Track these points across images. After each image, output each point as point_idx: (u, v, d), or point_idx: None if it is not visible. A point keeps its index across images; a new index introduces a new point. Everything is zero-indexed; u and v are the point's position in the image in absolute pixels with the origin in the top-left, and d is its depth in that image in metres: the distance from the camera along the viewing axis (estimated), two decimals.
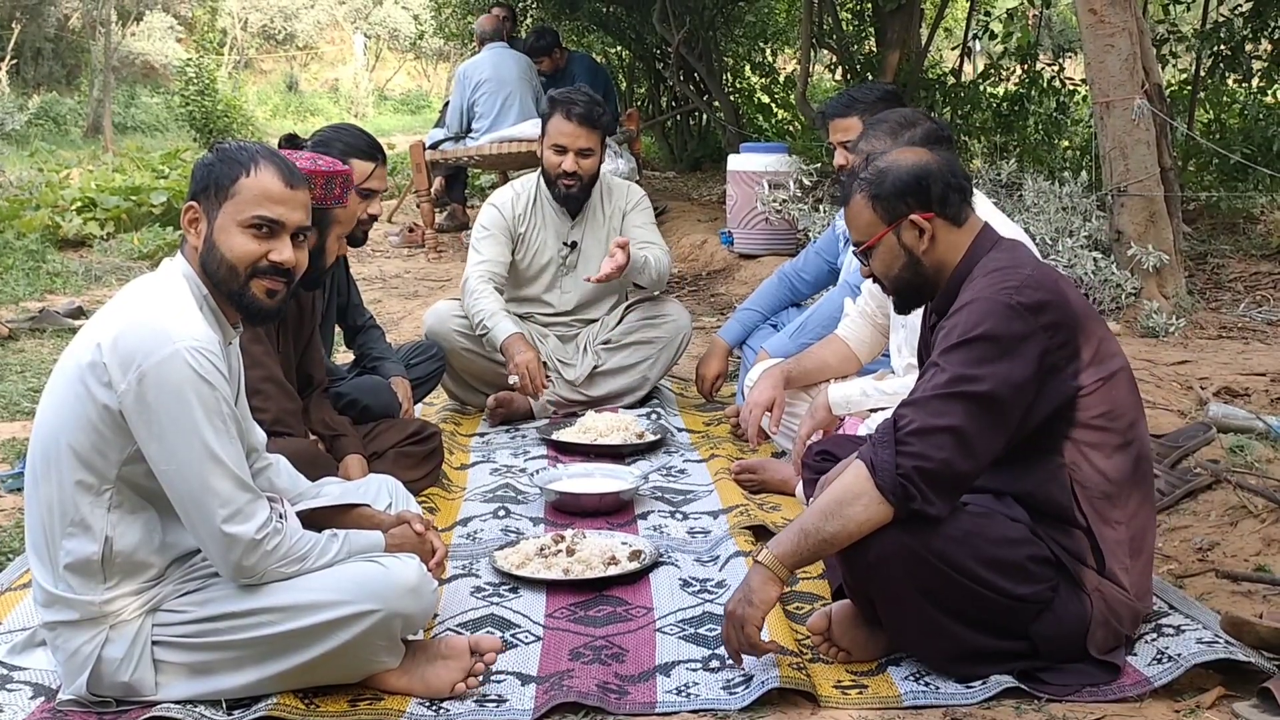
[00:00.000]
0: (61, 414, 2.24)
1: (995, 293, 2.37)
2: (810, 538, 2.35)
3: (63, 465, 2.23)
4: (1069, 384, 2.38)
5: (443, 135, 8.77)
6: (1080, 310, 2.45)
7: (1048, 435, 2.40)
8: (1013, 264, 2.45)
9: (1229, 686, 2.36)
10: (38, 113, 17.76)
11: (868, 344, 3.72)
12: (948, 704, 2.35)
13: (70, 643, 2.28)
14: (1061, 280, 2.49)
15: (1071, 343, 2.39)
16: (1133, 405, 2.48)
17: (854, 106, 3.83)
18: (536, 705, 2.35)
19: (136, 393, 2.16)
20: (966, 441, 2.28)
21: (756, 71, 12.37)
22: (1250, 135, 7.76)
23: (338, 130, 3.60)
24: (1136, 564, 2.46)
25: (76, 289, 7.20)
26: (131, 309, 2.25)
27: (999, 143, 8.54)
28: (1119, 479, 2.43)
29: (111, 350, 2.18)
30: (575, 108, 4.47)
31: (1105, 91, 5.45)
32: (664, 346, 4.63)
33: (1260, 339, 5.25)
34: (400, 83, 27.93)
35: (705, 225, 8.47)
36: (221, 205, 2.31)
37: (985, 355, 2.31)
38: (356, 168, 3.48)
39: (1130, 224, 5.48)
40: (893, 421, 2.31)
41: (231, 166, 2.32)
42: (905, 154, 2.57)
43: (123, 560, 2.26)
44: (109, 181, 10.45)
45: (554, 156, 4.52)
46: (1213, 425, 3.70)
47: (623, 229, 4.68)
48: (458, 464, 4.04)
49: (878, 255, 2.55)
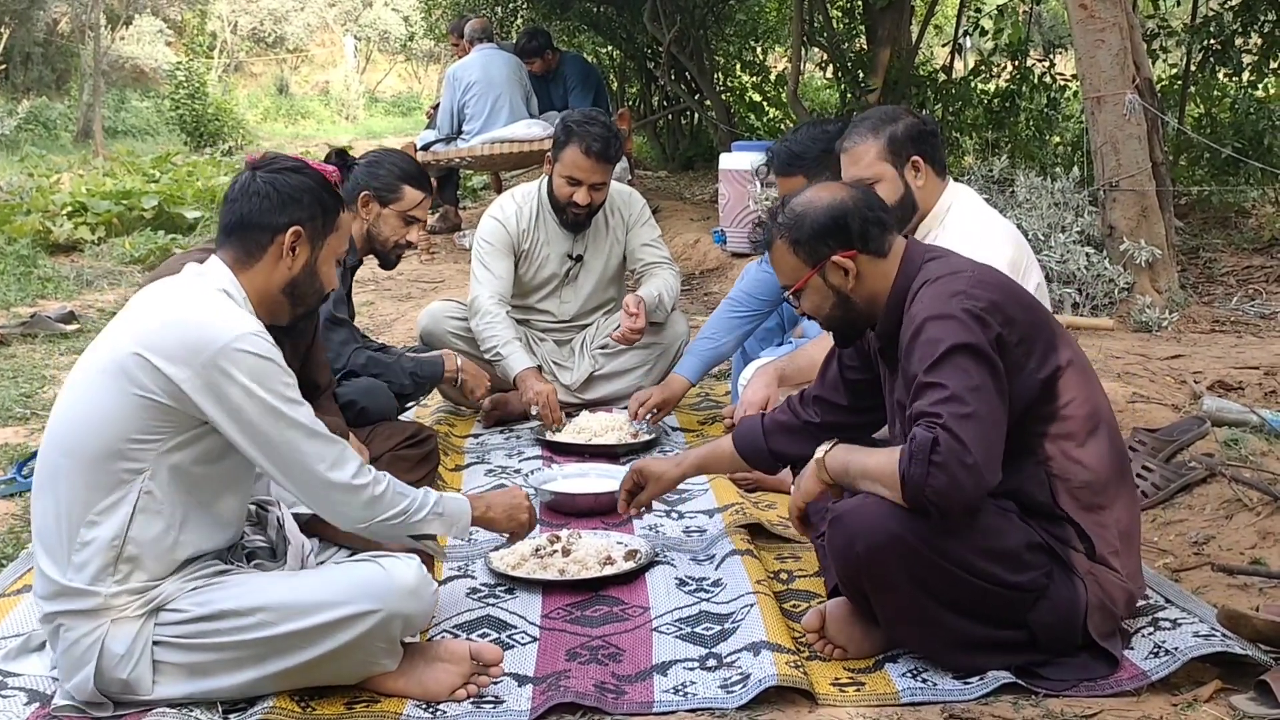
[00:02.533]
0: (93, 409, 2.27)
1: (945, 304, 2.36)
2: (849, 474, 2.44)
3: (93, 456, 2.24)
4: (1034, 378, 2.40)
5: (434, 137, 8.76)
6: (1028, 302, 2.49)
7: (1022, 434, 2.40)
8: (951, 271, 2.45)
9: (1226, 680, 2.36)
10: (27, 118, 17.72)
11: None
12: (945, 700, 2.35)
13: (72, 633, 2.28)
14: (1002, 275, 2.52)
15: (1029, 337, 2.41)
16: (1094, 387, 2.50)
17: (795, 165, 3.61)
18: (534, 706, 2.34)
19: (205, 381, 2.22)
20: (988, 466, 2.26)
21: (747, 70, 12.36)
22: (1241, 129, 7.76)
23: (390, 154, 3.78)
24: (1125, 546, 2.46)
25: (68, 294, 7.18)
26: (174, 307, 2.31)
27: (990, 139, 8.55)
28: (1096, 464, 2.44)
29: (161, 347, 2.23)
30: (594, 144, 4.34)
31: (1096, 87, 5.46)
32: (661, 353, 4.62)
33: (1253, 332, 5.26)
34: (391, 85, 27.88)
35: (698, 225, 8.47)
36: (327, 237, 2.46)
37: (969, 366, 2.30)
38: (408, 194, 3.68)
39: (1122, 219, 5.48)
40: (930, 442, 2.24)
41: (335, 199, 2.48)
42: (821, 193, 2.56)
43: (135, 552, 2.26)
44: (100, 186, 10.43)
45: (566, 187, 4.44)
46: (1207, 419, 3.71)
47: (628, 245, 4.67)
48: (452, 465, 4.03)
49: (807, 297, 2.57)
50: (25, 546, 3.18)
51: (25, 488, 3.66)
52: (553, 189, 4.51)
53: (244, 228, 2.40)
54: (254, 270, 2.40)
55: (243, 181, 2.43)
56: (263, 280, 2.40)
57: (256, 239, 2.39)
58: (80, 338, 5.94)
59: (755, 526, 3.27)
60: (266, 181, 2.40)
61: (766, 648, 2.47)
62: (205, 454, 2.31)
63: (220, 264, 2.39)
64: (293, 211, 2.40)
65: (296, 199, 2.40)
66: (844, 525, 2.39)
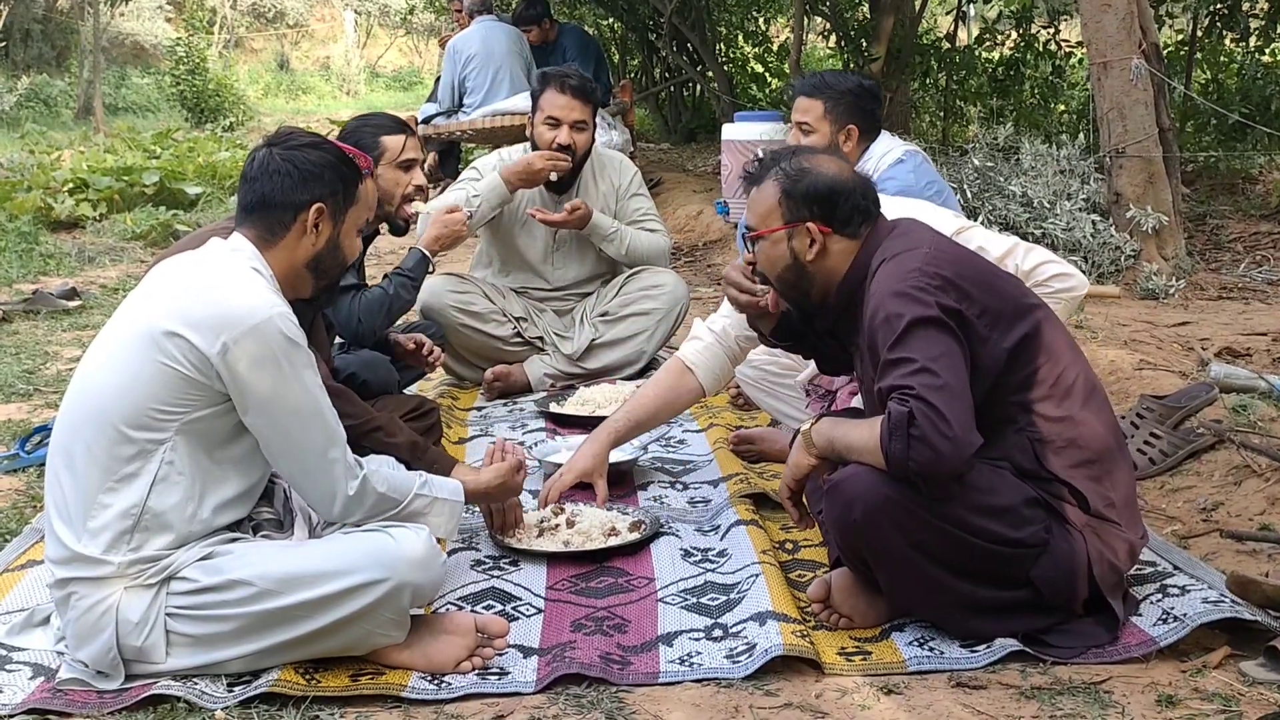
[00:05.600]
0: (119, 377, 2.28)
1: (902, 281, 2.36)
2: (835, 448, 2.44)
3: (115, 424, 2.25)
4: (999, 348, 2.39)
5: (435, 110, 8.72)
6: (986, 271, 2.48)
7: (998, 403, 2.39)
8: (909, 247, 2.45)
9: (1235, 646, 2.35)
10: (28, 95, 17.65)
11: (716, 374, 3.30)
12: (952, 668, 2.34)
13: (84, 600, 2.27)
14: (959, 246, 2.52)
15: (990, 308, 2.40)
16: (1065, 344, 2.49)
17: (822, 91, 3.64)
18: (539, 677, 2.34)
19: (232, 359, 2.24)
20: (968, 431, 2.26)
21: (750, 41, 12.27)
22: (1248, 95, 7.72)
23: (363, 119, 3.76)
24: (1121, 499, 2.45)
25: (70, 270, 7.16)
26: (208, 281, 2.32)
27: (995, 107, 8.50)
28: (1080, 425, 2.42)
29: (193, 320, 2.25)
30: (569, 79, 4.45)
31: (1102, 52, 5.42)
32: (661, 318, 4.60)
33: (1260, 299, 5.23)
34: (392, 59, 27.76)
35: (700, 196, 8.43)
36: (348, 210, 2.45)
37: (933, 337, 2.29)
38: (389, 143, 3.63)
39: (1129, 186, 5.45)
40: (906, 417, 2.24)
41: (355, 172, 2.47)
42: (831, 164, 2.57)
43: (152, 519, 2.27)
44: (101, 162, 10.38)
45: (548, 131, 4.46)
46: (1215, 386, 3.69)
47: (619, 214, 4.66)
48: (456, 438, 4.02)
49: (765, 248, 2.56)
50: (29, 522, 3.18)
51: (29, 463, 3.65)
52: (537, 145, 4.50)
53: (266, 206, 2.40)
54: (278, 248, 2.40)
55: (261, 159, 2.42)
56: (287, 257, 2.41)
57: (279, 217, 2.40)
58: (82, 314, 5.93)
59: (760, 496, 3.26)
60: (285, 159, 2.40)
61: (772, 618, 2.46)
62: (227, 428, 2.32)
63: (246, 241, 2.39)
64: (314, 188, 2.39)
65: (317, 175, 2.40)
66: (841, 493, 2.38)
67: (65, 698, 2.28)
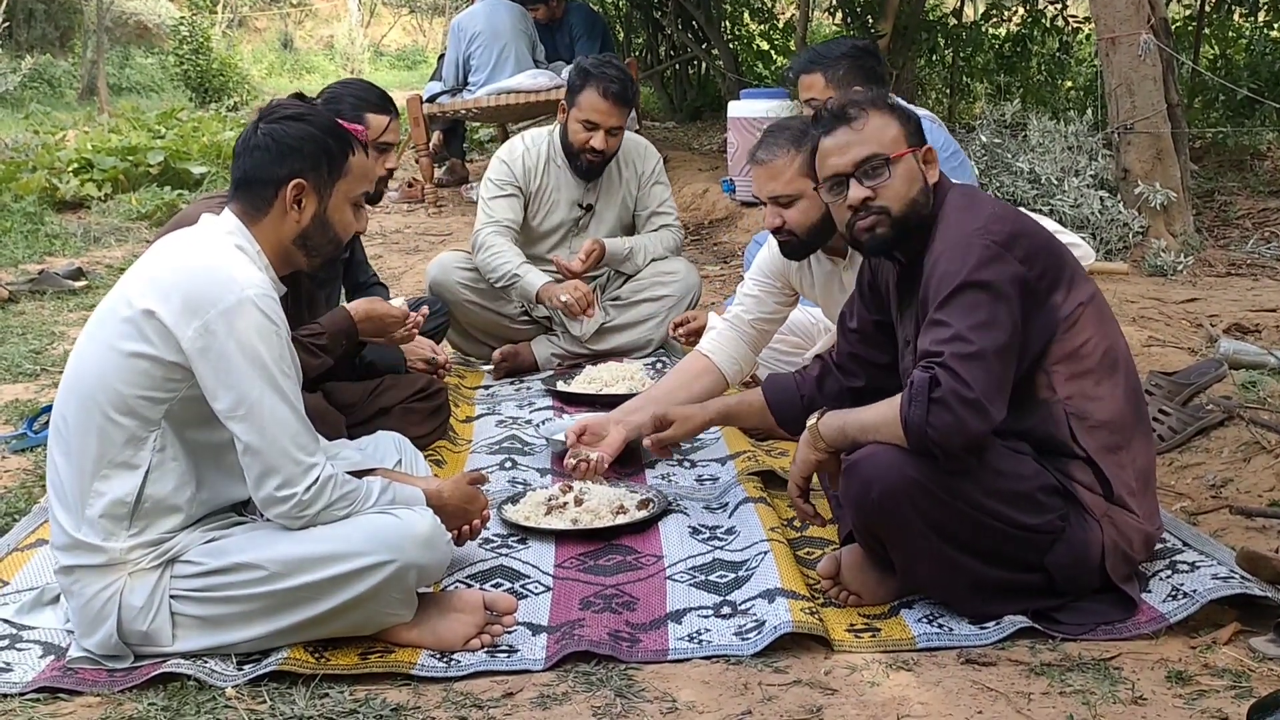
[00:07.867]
0: (107, 362, 2.25)
1: (968, 235, 2.36)
2: (847, 434, 2.44)
3: (107, 410, 2.23)
4: (1054, 315, 2.39)
5: (439, 89, 8.68)
6: (1047, 239, 2.48)
7: (1040, 371, 2.40)
8: (972, 205, 2.46)
9: (1245, 622, 2.35)
10: (31, 75, 17.60)
11: (738, 362, 3.35)
12: (961, 645, 2.34)
13: (88, 588, 2.27)
14: (1021, 212, 2.54)
15: (1049, 272, 2.40)
16: (1113, 327, 2.49)
17: (817, 63, 3.71)
18: (548, 655, 2.34)
19: (205, 339, 2.19)
20: (991, 401, 2.25)
21: (755, 18, 12.20)
22: (1257, 70, 7.67)
23: (346, 85, 3.58)
24: (1143, 487, 2.46)
25: (75, 250, 7.15)
26: (187, 260, 2.28)
27: (1002, 84, 8.46)
28: (1114, 404, 2.42)
29: (170, 298, 2.21)
30: (612, 85, 4.32)
31: (1110, 27, 5.38)
32: (673, 305, 4.58)
33: (1269, 275, 5.21)
34: (396, 38, 27.65)
35: (706, 174, 8.40)
36: (335, 184, 2.38)
37: (980, 302, 2.29)
38: (371, 122, 3.46)
39: (1137, 162, 5.42)
40: (929, 381, 2.25)
41: (343, 143, 2.39)
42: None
43: (151, 506, 2.26)
44: (105, 142, 10.35)
45: (583, 132, 4.40)
46: (1224, 362, 3.67)
47: (638, 201, 4.66)
48: (463, 417, 4.02)
49: (900, 172, 2.49)
50: (37, 500, 3.18)
51: (36, 442, 3.66)
52: (568, 135, 4.46)
53: (248, 183, 2.37)
54: (263, 224, 2.37)
55: (246, 134, 2.40)
56: (273, 233, 2.37)
57: (260, 193, 2.36)
58: (88, 294, 5.92)
59: (768, 474, 3.26)
60: (266, 133, 2.36)
61: (781, 595, 2.46)
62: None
63: (233, 217, 2.37)
64: (292, 162, 2.34)
65: (296, 149, 2.35)
66: (859, 472, 2.37)
67: (75, 676, 2.29)
